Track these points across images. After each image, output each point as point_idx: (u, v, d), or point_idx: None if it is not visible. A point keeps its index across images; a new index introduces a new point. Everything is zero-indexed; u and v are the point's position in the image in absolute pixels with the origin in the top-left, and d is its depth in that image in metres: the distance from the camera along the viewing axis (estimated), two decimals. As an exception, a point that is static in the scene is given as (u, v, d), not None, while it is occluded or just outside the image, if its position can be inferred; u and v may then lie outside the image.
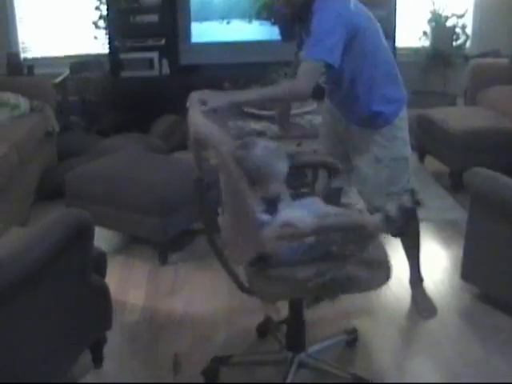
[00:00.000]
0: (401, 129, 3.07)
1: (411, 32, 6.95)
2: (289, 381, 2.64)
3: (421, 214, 4.48)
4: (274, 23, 3.32)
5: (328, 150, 3.23)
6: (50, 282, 2.45)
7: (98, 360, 2.89)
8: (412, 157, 5.46)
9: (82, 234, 2.52)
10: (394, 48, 6.65)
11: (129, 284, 3.63)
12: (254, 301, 2.90)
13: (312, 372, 2.81)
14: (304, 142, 4.23)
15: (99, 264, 2.80)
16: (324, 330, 3.14)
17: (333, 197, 2.78)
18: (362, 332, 3.12)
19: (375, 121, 3.00)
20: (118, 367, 2.92)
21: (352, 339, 3.03)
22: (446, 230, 4.30)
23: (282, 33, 3.21)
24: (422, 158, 5.55)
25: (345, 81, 2.89)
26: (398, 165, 3.10)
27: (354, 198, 3.35)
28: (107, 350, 2.92)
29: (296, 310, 2.72)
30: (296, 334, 2.76)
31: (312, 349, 2.80)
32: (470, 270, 3.44)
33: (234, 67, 6.15)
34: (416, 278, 3.43)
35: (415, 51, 6.91)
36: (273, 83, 5.04)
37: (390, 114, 3.01)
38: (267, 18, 6.26)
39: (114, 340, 3.00)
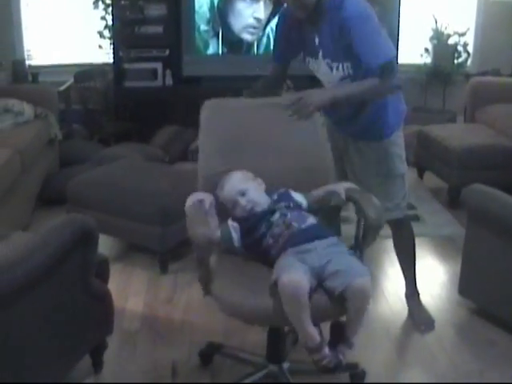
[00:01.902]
0: (398, 145, 3.10)
1: (413, 49, 7.00)
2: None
3: (419, 229, 4.54)
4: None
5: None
6: (53, 286, 2.47)
7: (97, 365, 2.90)
8: (411, 173, 5.56)
9: (86, 240, 2.55)
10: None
11: (128, 291, 3.66)
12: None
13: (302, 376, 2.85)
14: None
15: (102, 270, 2.81)
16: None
17: (333, 212, 2.79)
18: (357, 345, 3.15)
19: (379, 130, 3.04)
20: (117, 373, 2.94)
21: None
22: (443, 245, 4.33)
23: (278, 53, 3.16)
24: (421, 174, 5.60)
25: None
26: (394, 181, 3.13)
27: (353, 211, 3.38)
28: (107, 356, 2.95)
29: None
30: (277, 344, 2.76)
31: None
32: (466, 285, 3.47)
33: (237, 80, 6.19)
34: (412, 292, 3.45)
35: (416, 68, 6.96)
36: (274, 96, 5.10)
37: (393, 125, 3.05)
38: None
39: (114, 346, 3.02)
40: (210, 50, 6.37)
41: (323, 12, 2.74)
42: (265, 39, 6.41)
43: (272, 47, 3.29)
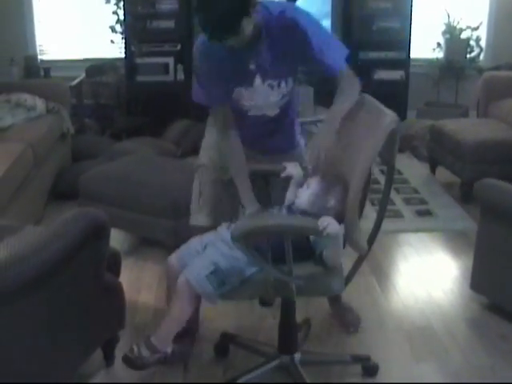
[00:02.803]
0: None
1: (425, 43, 6.98)
2: (308, 381, 2.70)
3: (431, 223, 4.55)
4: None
5: None
6: (65, 280, 2.47)
7: (109, 359, 2.91)
8: (424, 167, 5.55)
9: (98, 234, 2.55)
10: (408, 59, 6.69)
11: (140, 285, 3.66)
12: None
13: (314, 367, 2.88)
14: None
15: (113, 263, 2.82)
16: (331, 338, 3.18)
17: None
18: (370, 339, 3.16)
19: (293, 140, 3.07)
20: (127, 368, 2.95)
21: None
22: (455, 240, 4.32)
23: (215, 94, 2.79)
24: (433, 168, 5.58)
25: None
26: None
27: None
28: (119, 349, 2.96)
29: (288, 311, 2.75)
30: (288, 336, 2.79)
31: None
32: (479, 280, 3.45)
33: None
34: (334, 296, 3.29)
35: (429, 62, 6.95)
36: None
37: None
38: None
39: (126, 339, 3.02)
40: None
41: (265, 35, 2.59)
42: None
43: (199, 95, 2.91)
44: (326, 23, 6.48)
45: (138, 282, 3.70)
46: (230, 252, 2.44)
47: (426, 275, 3.83)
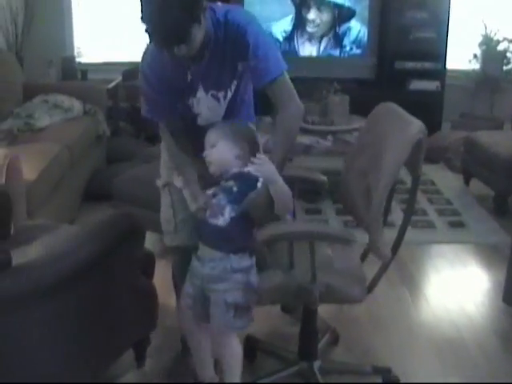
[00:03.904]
0: None
1: (462, 54, 6.94)
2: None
3: (463, 236, 4.52)
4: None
5: None
6: (99, 280, 2.50)
7: (140, 359, 2.94)
8: (457, 179, 5.51)
9: (133, 235, 2.59)
10: (444, 70, 6.66)
11: (171, 288, 3.67)
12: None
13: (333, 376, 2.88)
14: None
15: (147, 265, 2.85)
16: (359, 346, 3.18)
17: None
18: (399, 350, 3.15)
19: None
20: (158, 368, 2.98)
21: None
22: (487, 253, 4.28)
23: (160, 107, 2.69)
24: (467, 180, 5.54)
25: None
26: None
27: (397, 215, 3.36)
28: (150, 351, 2.98)
29: (309, 318, 2.76)
30: (309, 343, 2.80)
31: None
32: (511, 293, 3.43)
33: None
34: None
35: (465, 74, 6.90)
36: (322, 99, 5.11)
37: None
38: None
39: (157, 341, 3.04)
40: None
41: (212, 43, 2.46)
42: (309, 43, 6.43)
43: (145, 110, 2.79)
44: (364, 31, 6.51)
45: (170, 284, 3.70)
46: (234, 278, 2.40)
47: (457, 287, 3.81)
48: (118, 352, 2.78)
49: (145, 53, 2.62)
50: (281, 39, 6.50)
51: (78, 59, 6.66)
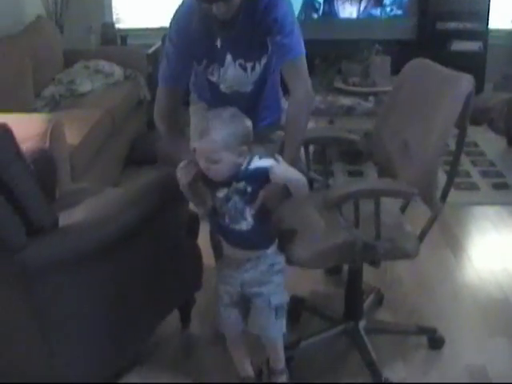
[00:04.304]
0: None
1: (505, 14, 6.80)
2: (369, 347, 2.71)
3: (508, 197, 4.46)
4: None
5: None
6: (145, 241, 2.53)
7: (185, 320, 2.97)
8: (501, 141, 5.43)
9: (177, 197, 2.59)
10: (486, 30, 6.53)
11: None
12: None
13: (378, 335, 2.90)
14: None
15: (192, 226, 2.86)
16: (405, 307, 3.17)
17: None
18: (444, 311, 3.15)
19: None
20: (203, 329, 3.01)
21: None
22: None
23: (172, 71, 2.66)
24: (510, 142, 5.45)
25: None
26: None
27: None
28: (194, 312, 3.01)
29: (355, 278, 2.78)
30: (354, 303, 2.82)
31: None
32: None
33: (324, 44, 6.13)
34: None
35: (508, 34, 6.76)
36: (363, 60, 5.07)
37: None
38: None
39: (201, 302, 3.07)
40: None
41: (249, 13, 2.46)
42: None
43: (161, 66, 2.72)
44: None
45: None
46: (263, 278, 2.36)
47: (502, 249, 3.77)
48: (165, 313, 2.81)
49: (178, 9, 2.68)
50: (321, 1, 6.43)
51: (117, 25, 6.66)
